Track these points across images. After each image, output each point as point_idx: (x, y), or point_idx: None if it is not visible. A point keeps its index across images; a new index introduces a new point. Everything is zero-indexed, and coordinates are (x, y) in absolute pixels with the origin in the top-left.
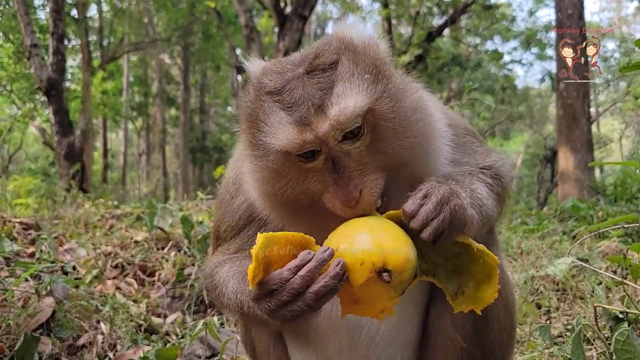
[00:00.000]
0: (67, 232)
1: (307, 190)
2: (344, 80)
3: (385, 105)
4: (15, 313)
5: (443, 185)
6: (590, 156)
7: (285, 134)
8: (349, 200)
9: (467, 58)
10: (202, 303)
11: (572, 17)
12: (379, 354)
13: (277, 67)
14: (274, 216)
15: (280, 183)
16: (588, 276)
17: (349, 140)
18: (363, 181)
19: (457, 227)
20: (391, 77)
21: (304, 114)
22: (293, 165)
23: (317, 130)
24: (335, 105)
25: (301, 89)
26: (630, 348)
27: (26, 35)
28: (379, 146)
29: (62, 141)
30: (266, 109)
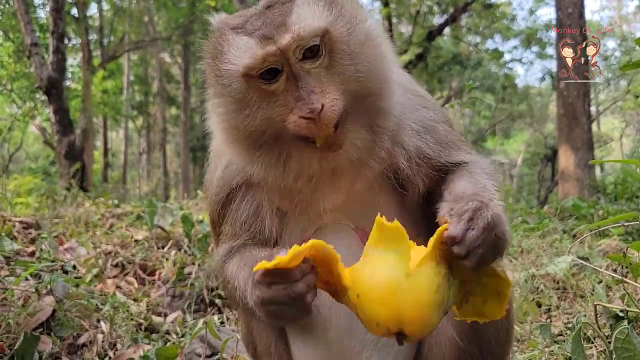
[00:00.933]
0: (67, 231)
1: (270, 117)
2: (301, 7)
3: (340, 28)
4: (15, 312)
5: (487, 209)
6: (591, 155)
7: (248, 51)
8: (311, 111)
9: (467, 57)
10: (203, 302)
11: (573, 16)
12: (377, 340)
13: (240, 13)
14: (237, 155)
15: (243, 114)
16: (588, 275)
17: (308, 60)
18: (324, 96)
19: (499, 253)
20: (345, 5)
21: (266, 31)
22: (255, 91)
23: (279, 42)
24: (295, 21)
25: (263, 19)
26: (630, 346)
27: (26, 34)
28: (336, 68)
29: (63, 140)
30: (229, 39)
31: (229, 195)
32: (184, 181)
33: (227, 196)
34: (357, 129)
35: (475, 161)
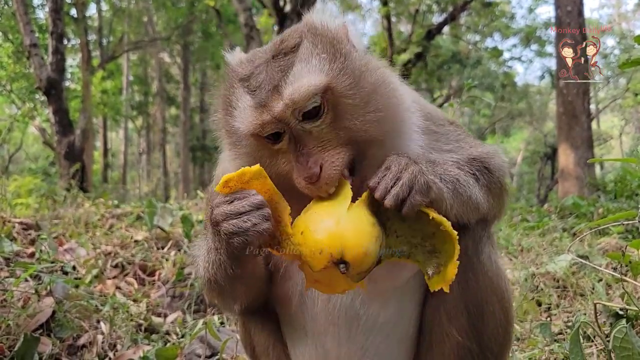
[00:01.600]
0: (67, 231)
1: (280, 173)
2: (302, 61)
3: (343, 82)
4: (15, 313)
5: (404, 157)
6: (591, 153)
7: (247, 117)
8: (309, 177)
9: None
10: (202, 302)
11: (572, 14)
12: (377, 345)
13: (251, 56)
14: None
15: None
16: (588, 273)
17: (309, 120)
18: (323, 157)
19: (419, 192)
20: (349, 55)
21: (262, 96)
22: (264, 148)
23: (273, 111)
24: (289, 85)
25: (264, 73)
26: (628, 345)
27: (25, 34)
28: (341, 123)
29: (62, 141)
30: (237, 94)
31: None
32: (184, 181)
33: None
34: (372, 165)
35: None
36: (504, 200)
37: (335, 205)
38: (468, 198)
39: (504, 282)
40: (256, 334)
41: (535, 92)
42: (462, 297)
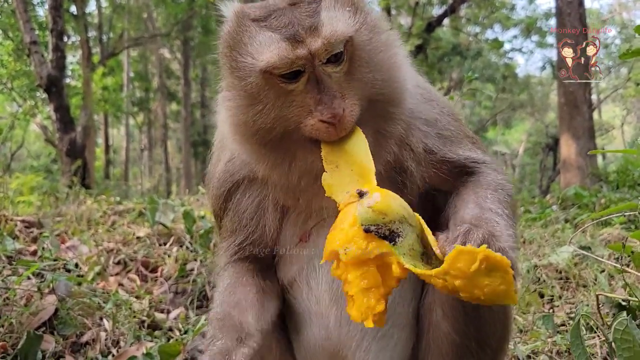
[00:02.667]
0: (69, 229)
1: (284, 117)
2: (328, 10)
3: (363, 35)
4: (18, 311)
5: (477, 230)
6: (592, 143)
7: (275, 50)
8: (333, 116)
9: (467, 47)
10: (205, 298)
11: (572, 5)
12: (377, 330)
13: (258, 4)
14: (242, 150)
15: (255, 109)
16: (591, 264)
17: (331, 64)
18: (344, 102)
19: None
20: (368, 14)
21: (297, 32)
22: (272, 88)
23: (311, 46)
24: (327, 25)
25: (289, 15)
26: (629, 337)
27: (25, 32)
28: (354, 74)
29: (64, 138)
30: (251, 32)
31: (231, 189)
32: (186, 176)
33: (229, 190)
34: (367, 134)
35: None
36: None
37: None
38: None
39: None
40: None
41: (537, 83)
42: None
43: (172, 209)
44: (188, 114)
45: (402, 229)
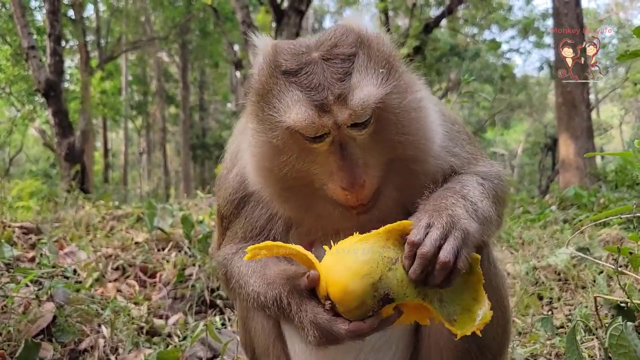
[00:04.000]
0: (67, 235)
1: (306, 171)
2: (360, 72)
3: (394, 99)
4: (16, 319)
5: (443, 212)
6: (591, 143)
7: (303, 114)
8: (352, 185)
9: (465, 48)
10: (204, 303)
11: (569, 5)
12: (375, 342)
13: (290, 48)
14: (265, 193)
15: (279, 160)
16: (589, 265)
17: (357, 127)
18: (366, 171)
19: (468, 246)
20: (402, 75)
21: (325, 100)
22: (297, 144)
23: (337, 117)
24: (356, 95)
25: (320, 75)
26: (625, 343)
27: (23, 37)
28: (379, 137)
29: (62, 142)
30: (281, 86)
31: (245, 197)
32: (185, 179)
33: (243, 198)
34: (390, 192)
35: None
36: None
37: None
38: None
39: (501, 281)
40: (256, 335)
41: (535, 84)
42: None
43: (171, 213)
44: (187, 117)
45: (380, 285)
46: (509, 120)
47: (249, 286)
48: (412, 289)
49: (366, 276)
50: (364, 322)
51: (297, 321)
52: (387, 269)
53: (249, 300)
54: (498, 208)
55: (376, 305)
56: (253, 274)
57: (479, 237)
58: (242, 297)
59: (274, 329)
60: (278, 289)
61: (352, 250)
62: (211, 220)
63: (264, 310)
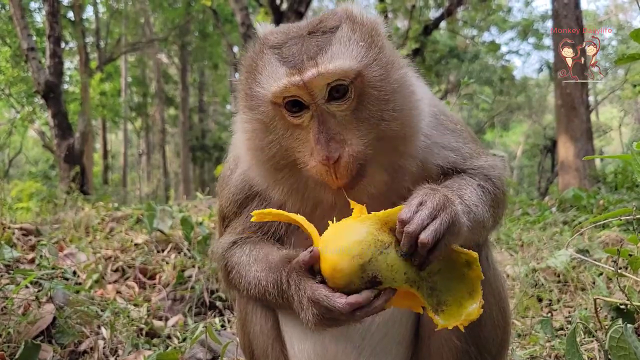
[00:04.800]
0: (67, 236)
1: (292, 148)
2: (340, 42)
3: (374, 72)
4: (16, 321)
5: (437, 193)
6: (590, 145)
7: (275, 79)
8: (327, 159)
9: (464, 50)
10: (203, 305)
11: (569, 7)
12: (374, 345)
13: (284, 28)
14: (258, 174)
15: (268, 137)
16: (589, 267)
17: (335, 101)
18: (344, 146)
19: (452, 233)
20: (383, 49)
21: (296, 62)
22: (281, 120)
23: (304, 75)
24: (327, 57)
25: (300, 45)
26: (625, 345)
27: (23, 39)
28: (362, 113)
29: (62, 144)
30: (265, 60)
31: (248, 197)
32: (185, 181)
33: (245, 199)
34: (377, 171)
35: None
36: (504, 207)
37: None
38: (479, 223)
39: (501, 283)
40: (255, 337)
41: (534, 85)
42: None
43: (170, 215)
44: (186, 119)
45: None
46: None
47: (250, 273)
48: (401, 274)
49: (356, 257)
50: (359, 295)
51: (297, 302)
52: (379, 252)
53: (250, 288)
54: (496, 211)
55: (363, 286)
56: (255, 262)
57: (467, 233)
58: (242, 286)
59: (273, 331)
60: (279, 271)
61: (348, 229)
62: (211, 221)
63: (265, 296)
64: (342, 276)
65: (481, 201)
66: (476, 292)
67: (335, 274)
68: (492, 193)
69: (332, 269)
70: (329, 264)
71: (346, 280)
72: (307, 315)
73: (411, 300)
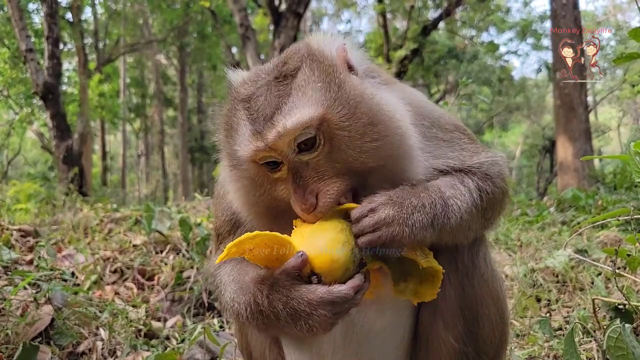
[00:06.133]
0: (65, 237)
1: (279, 198)
2: (298, 89)
3: (338, 113)
4: (14, 322)
5: (392, 208)
6: (589, 145)
7: (245, 143)
8: (306, 208)
9: (463, 50)
10: (202, 306)
11: (567, 7)
12: (372, 352)
13: (254, 76)
14: (258, 224)
15: (257, 192)
16: (587, 267)
17: (306, 152)
18: (319, 187)
19: (392, 247)
20: (342, 85)
21: (258, 125)
22: (264, 175)
23: (267, 139)
24: (283, 116)
25: (264, 97)
26: (622, 345)
27: (21, 40)
28: (338, 154)
29: (60, 145)
30: (238, 117)
31: (239, 221)
32: (184, 182)
33: (237, 221)
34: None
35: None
36: (502, 207)
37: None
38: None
39: (499, 283)
40: (253, 339)
41: (533, 86)
42: (459, 302)
43: (169, 216)
44: (185, 120)
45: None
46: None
47: (227, 294)
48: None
49: (346, 243)
50: (355, 279)
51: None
52: (354, 237)
53: (227, 309)
54: (491, 212)
55: (356, 270)
56: (231, 282)
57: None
58: (222, 306)
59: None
60: (252, 290)
61: (322, 226)
62: (209, 222)
63: (238, 318)
64: (340, 266)
65: (472, 208)
66: (437, 279)
67: (333, 265)
68: (489, 193)
69: (330, 262)
70: (324, 259)
71: (343, 269)
72: (313, 321)
73: (375, 279)
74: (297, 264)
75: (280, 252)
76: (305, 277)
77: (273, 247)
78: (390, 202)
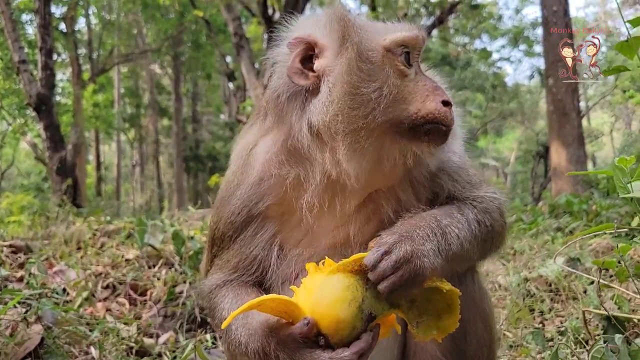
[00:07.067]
0: (57, 252)
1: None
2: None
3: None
4: (3, 342)
5: (406, 244)
6: (582, 150)
7: (407, 28)
8: (449, 101)
9: (456, 57)
10: (194, 321)
11: (558, 14)
12: None
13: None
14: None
15: (374, 85)
16: (579, 276)
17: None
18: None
19: (415, 283)
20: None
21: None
22: (392, 67)
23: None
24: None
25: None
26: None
27: (14, 51)
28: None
29: (54, 156)
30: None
31: (248, 219)
32: (178, 192)
33: (246, 220)
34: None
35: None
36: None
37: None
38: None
39: (487, 300)
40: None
41: (526, 92)
42: None
43: (162, 229)
44: (179, 129)
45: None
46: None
47: (232, 332)
48: (385, 302)
49: (352, 301)
50: (361, 341)
51: None
52: (365, 289)
53: (232, 346)
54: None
55: (364, 326)
56: (236, 319)
57: (439, 270)
58: (224, 340)
59: None
60: (261, 340)
61: (327, 282)
62: (202, 235)
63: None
64: (346, 325)
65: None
66: (454, 305)
67: (339, 325)
68: (489, 226)
69: (336, 323)
70: (330, 320)
71: (350, 328)
72: None
73: (385, 326)
74: (303, 331)
75: (289, 308)
76: (312, 338)
77: (281, 311)
78: (401, 239)
